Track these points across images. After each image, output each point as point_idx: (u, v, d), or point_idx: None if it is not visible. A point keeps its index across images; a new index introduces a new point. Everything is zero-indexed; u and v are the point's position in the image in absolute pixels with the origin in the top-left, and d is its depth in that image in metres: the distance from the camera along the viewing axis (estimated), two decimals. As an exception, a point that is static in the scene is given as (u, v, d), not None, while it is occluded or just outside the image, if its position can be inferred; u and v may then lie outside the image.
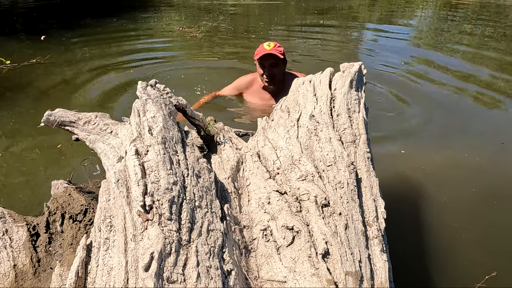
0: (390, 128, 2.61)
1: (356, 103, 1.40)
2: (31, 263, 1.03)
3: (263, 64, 2.48)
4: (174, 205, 0.88)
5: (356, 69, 1.56)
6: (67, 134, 1.39)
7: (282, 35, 5.37)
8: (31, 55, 3.97)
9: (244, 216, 1.05)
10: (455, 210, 1.85)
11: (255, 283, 0.86)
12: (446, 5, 8.10)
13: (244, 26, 5.93)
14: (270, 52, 2.39)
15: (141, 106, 1.19)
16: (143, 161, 0.98)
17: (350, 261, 0.87)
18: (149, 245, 0.77)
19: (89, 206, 1.14)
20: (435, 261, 1.55)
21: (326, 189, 1.06)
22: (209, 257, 0.81)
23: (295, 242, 0.92)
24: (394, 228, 1.21)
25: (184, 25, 5.73)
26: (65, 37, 4.91)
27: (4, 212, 1.15)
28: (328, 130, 1.24)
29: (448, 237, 1.67)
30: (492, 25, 6.18)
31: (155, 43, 4.84)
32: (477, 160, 2.25)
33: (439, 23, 6.63)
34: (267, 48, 2.42)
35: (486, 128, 2.69)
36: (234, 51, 4.47)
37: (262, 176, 1.15)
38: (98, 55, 4.17)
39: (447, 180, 2.08)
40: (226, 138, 1.39)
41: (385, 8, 8.01)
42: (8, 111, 2.77)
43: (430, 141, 2.48)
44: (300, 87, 1.54)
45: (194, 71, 3.74)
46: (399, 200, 1.81)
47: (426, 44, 5.14)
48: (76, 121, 1.34)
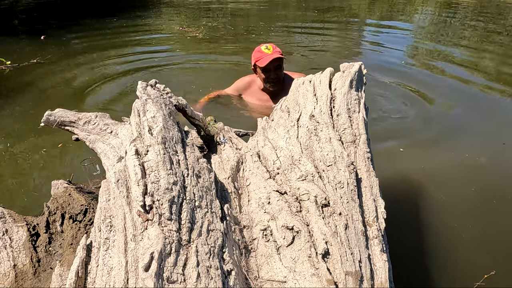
0: (389, 126, 2.61)
1: (356, 103, 1.40)
2: (31, 263, 1.03)
3: (268, 69, 2.42)
4: (174, 205, 0.88)
5: (356, 69, 1.56)
6: (67, 134, 1.39)
7: (282, 35, 5.37)
8: (31, 55, 3.97)
9: (244, 216, 1.05)
10: (455, 209, 1.85)
11: (255, 283, 0.86)
12: (446, 5, 8.10)
13: (244, 25, 5.92)
14: (275, 57, 2.35)
15: (141, 106, 1.19)
16: (143, 161, 0.98)
17: (350, 261, 0.87)
18: (149, 245, 0.77)
19: (89, 206, 1.15)
20: (435, 261, 1.55)
21: (326, 189, 1.06)
22: (209, 257, 0.81)
23: (295, 242, 0.92)
24: (394, 228, 1.21)
25: (184, 25, 5.73)
26: (65, 37, 4.91)
27: (4, 212, 1.15)
28: (328, 130, 1.24)
29: (448, 237, 1.67)
30: (492, 25, 6.18)
31: (155, 43, 4.84)
32: (477, 160, 2.25)
33: (439, 22, 6.63)
34: (269, 52, 2.37)
35: (487, 128, 2.68)
36: (234, 50, 4.47)
37: (262, 176, 1.15)
38: (98, 55, 4.17)
39: (447, 179, 2.08)
40: (226, 138, 1.40)
41: (385, 7, 8.02)
42: (8, 111, 2.77)
43: (430, 140, 2.48)
44: (300, 87, 1.54)
45: (194, 71, 3.74)
46: (399, 200, 1.81)
47: (426, 43, 5.14)
48: (76, 121, 1.34)
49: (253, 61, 2.48)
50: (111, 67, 3.76)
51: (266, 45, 2.43)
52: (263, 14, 6.95)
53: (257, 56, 2.44)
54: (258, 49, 2.45)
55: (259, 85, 2.62)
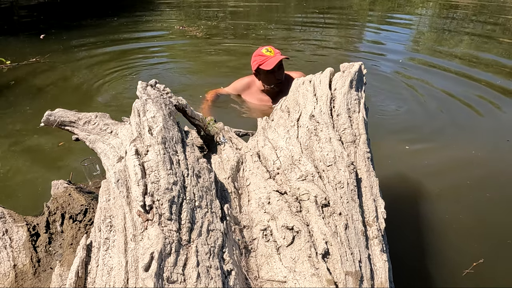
0: (389, 125, 2.61)
1: (356, 103, 1.40)
2: (31, 263, 1.03)
3: (272, 71, 2.37)
4: (174, 205, 0.88)
5: (356, 69, 1.56)
6: (67, 133, 1.39)
7: (282, 34, 5.37)
8: (31, 54, 3.97)
9: (244, 216, 1.05)
10: (456, 209, 1.85)
11: (255, 283, 0.86)
12: (446, 5, 8.10)
13: (244, 24, 5.92)
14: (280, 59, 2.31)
15: (141, 106, 1.19)
16: (143, 161, 0.98)
17: (350, 261, 0.88)
18: (149, 245, 0.77)
19: (89, 206, 1.14)
20: (435, 261, 1.55)
21: (326, 189, 1.06)
22: (209, 257, 0.81)
23: (295, 242, 0.92)
24: (394, 228, 1.21)
25: (184, 24, 5.73)
26: (65, 36, 4.91)
27: (4, 212, 1.15)
28: (328, 130, 1.24)
29: (449, 236, 1.67)
30: (493, 24, 6.18)
31: (154, 42, 4.84)
32: (483, 158, 2.22)
33: (440, 21, 6.63)
34: (271, 55, 2.33)
35: (492, 125, 2.66)
36: (234, 49, 4.47)
37: (262, 176, 1.15)
38: (97, 54, 4.17)
39: (448, 179, 2.07)
40: (226, 138, 1.39)
41: (385, 7, 8.01)
42: (7, 111, 2.77)
43: (431, 138, 2.46)
44: (300, 87, 1.54)
45: (194, 70, 3.74)
46: (399, 200, 1.81)
47: (427, 42, 5.14)
48: (76, 121, 1.34)
49: (256, 65, 2.42)
50: (111, 67, 3.76)
51: (266, 47, 2.39)
52: (263, 13, 6.95)
53: (259, 59, 2.38)
54: (259, 53, 2.40)
55: (259, 86, 2.60)
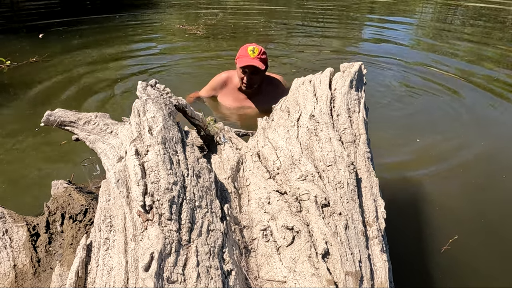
0: (394, 124, 2.61)
1: (356, 103, 1.40)
2: (31, 263, 1.03)
3: (244, 70, 2.42)
4: (174, 205, 0.88)
5: (356, 69, 1.56)
6: (67, 133, 1.39)
7: (282, 33, 5.36)
8: (30, 53, 3.96)
9: (244, 216, 1.05)
10: (456, 209, 1.85)
11: (255, 283, 0.87)
12: (446, 4, 8.10)
13: (244, 23, 5.92)
14: (253, 64, 2.33)
15: (141, 106, 1.19)
16: (143, 161, 0.98)
17: (350, 261, 0.88)
18: (149, 245, 0.77)
19: (89, 206, 1.14)
20: (435, 260, 1.55)
21: (326, 189, 1.06)
22: (209, 257, 0.81)
23: (295, 242, 0.92)
24: (394, 228, 1.21)
25: (185, 23, 5.72)
26: (64, 35, 4.90)
27: (4, 212, 1.15)
28: (328, 130, 1.24)
29: (449, 236, 1.67)
30: (493, 22, 6.18)
31: (155, 41, 4.83)
32: (483, 157, 2.21)
33: (441, 19, 6.63)
34: (250, 55, 2.34)
35: (493, 125, 2.66)
36: (234, 48, 4.46)
37: (262, 176, 1.15)
38: (97, 54, 4.16)
39: (448, 179, 2.07)
40: (226, 138, 1.40)
41: (385, 6, 8.01)
42: (7, 110, 2.77)
43: (434, 138, 2.45)
44: (300, 87, 1.54)
45: (193, 69, 3.73)
46: (399, 200, 1.81)
47: (428, 40, 5.14)
48: (76, 121, 1.34)
49: (237, 55, 2.46)
50: (110, 66, 3.75)
51: (254, 46, 2.38)
52: (263, 12, 6.94)
53: (240, 53, 2.42)
54: (245, 47, 2.41)
55: (236, 83, 2.58)
